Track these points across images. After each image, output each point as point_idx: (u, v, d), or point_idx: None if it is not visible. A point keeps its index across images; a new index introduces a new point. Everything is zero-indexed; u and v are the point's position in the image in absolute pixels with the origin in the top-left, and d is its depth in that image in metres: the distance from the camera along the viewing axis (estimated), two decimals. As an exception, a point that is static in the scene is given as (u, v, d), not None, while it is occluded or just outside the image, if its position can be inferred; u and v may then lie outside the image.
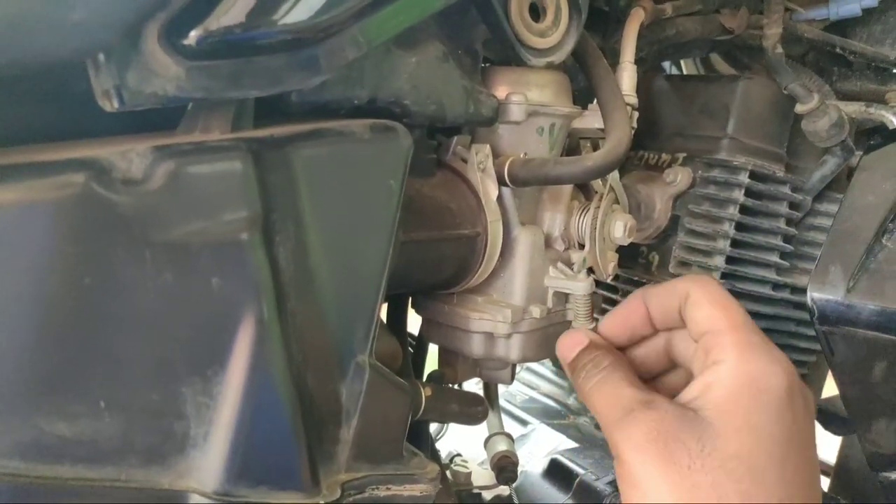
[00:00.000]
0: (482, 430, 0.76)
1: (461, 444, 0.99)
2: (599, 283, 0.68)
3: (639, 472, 0.39)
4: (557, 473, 0.91)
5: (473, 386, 0.87)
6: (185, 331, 0.37)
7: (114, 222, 0.35)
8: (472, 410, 0.58)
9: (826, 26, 0.73)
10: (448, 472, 0.88)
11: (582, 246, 0.59)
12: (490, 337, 0.58)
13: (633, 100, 0.59)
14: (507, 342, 0.58)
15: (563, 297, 0.59)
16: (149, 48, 0.35)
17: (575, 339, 0.49)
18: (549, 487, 0.90)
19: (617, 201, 0.62)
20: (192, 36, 0.35)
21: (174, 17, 0.35)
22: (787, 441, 0.40)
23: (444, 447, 0.99)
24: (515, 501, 0.85)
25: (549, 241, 0.59)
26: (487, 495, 0.86)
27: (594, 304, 0.58)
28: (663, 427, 0.39)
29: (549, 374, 1.23)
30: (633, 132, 0.56)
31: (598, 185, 0.62)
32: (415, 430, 0.57)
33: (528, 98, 0.54)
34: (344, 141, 0.42)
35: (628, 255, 0.71)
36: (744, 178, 0.66)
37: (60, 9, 0.33)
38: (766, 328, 0.70)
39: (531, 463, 0.95)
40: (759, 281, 0.68)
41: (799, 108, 0.66)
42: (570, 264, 0.59)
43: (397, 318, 0.64)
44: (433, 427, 0.92)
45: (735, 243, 0.67)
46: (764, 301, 0.69)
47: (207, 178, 0.37)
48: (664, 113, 0.72)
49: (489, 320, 0.57)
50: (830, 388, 0.71)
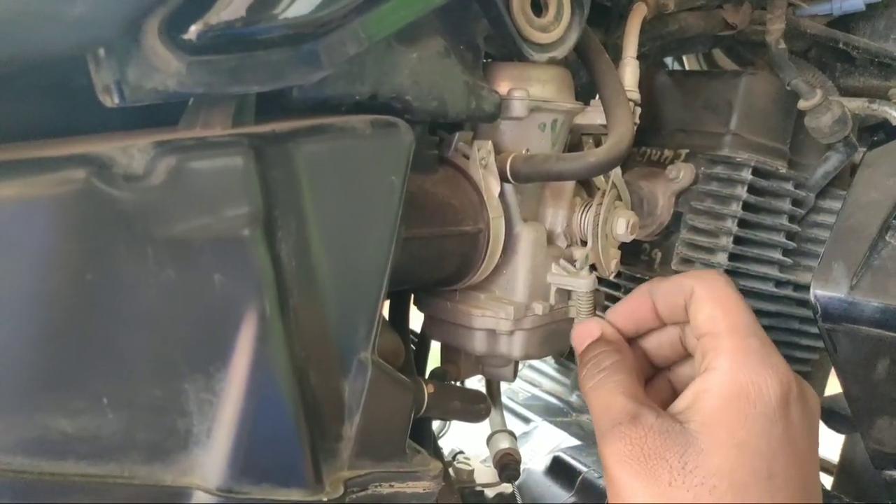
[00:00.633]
0: (485, 427, 0.76)
1: (464, 441, 0.99)
2: (602, 280, 0.68)
3: (621, 485, 0.40)
4: (560, 471, 0.91)
5: (476, 383, 0.87)
6: (187, 327, 0.37)
7: (115, 218, 0.35)
8: (474, 408, 0.58)
9: (829, 22, 0.73)
10: (451, 470, 0.88)
11: (584, 243, 0.59)
12: (492, 334, 0.58)
13: (636, 95, 0.59)
14: (509, 339, 0.58)
15: (566, 294, 0.59)
16: (149, 43, 0.35)
17: (587, 330, 0.49)
18: (551, 485, 0.90)
19: (619, 198, 0.62)
20: (193, 31, 0.35)
21: (174, 12, 0.35)
22: (775, 454, 0.40)
23: (447, 445, 0.99)
24: (518, 499, 0.85)
25: (551, 237, 0.59)
26: (490, 493, 0.86)
27: (597, 301, 0.58)
28: (646, 444, 0.40)
29: (551, 372, 1.23)
30: (635, 128, 0.56)
31: (600, 181, 0.62)
32: (417, 427, 0.57)
33: (531, 94, 0.54)
34: (345, 137, 0.42)
35: (631, 252, 0.71)
36: (746, 175, 0.65)
37: (61, 4, 0.33)
38: (768, 325, 0.70)
39: (534, 460, 0.95)
40: (762, 278, 0.68)
41: (802, 104, 0.65)
42: (572, 261, 0.59)
43: (399, 314, 0.64)
44: (436, 424, 0.92)
45: (738, 240, 0.67)
46: (767, 298, 0.69)
47: (209, 174, 0.36)
48: (667, 109, 0.72)
49: (491, 317, 0.56)
50: (834, 386, 0.71)
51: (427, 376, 0.65)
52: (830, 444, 0.96)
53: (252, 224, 0.37)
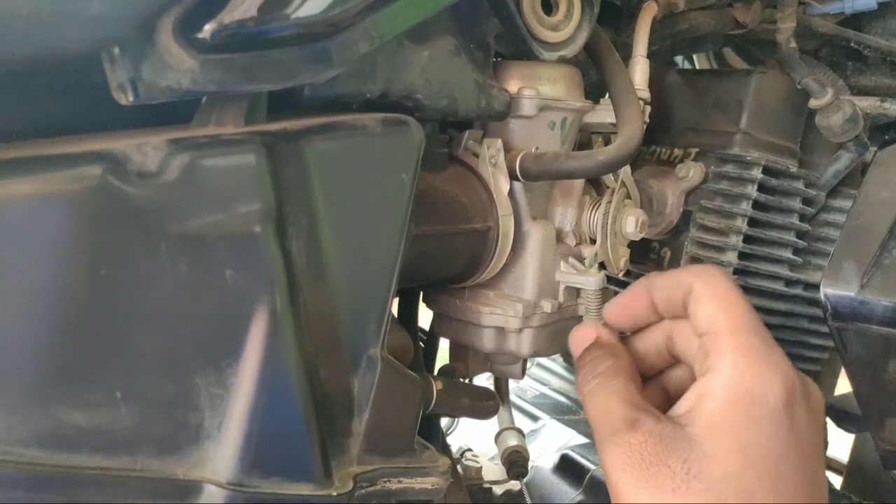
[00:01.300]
0: (493, 424, 0.76)
1: (472, 438, 0.99)
2: (611, 278, 0.68)
3: (623, 493, 0.39)
4: (568, 469, 0.91)
5: (484, 381, 0.87)
6: (199, 322, 0.38)
7: (129, 215, 0.35)
8: (482, 405, 0.58)
9: (841, 20, 0.73)
10: (459, 467, 0.88)
11: (593, 241, 0.59)
12: (501, 331, 0.58)
13: (646, 94, 0.59)
14: (518, 337, 0.58)
15: (575, 292, 0.59)
16: (163, 42, 0.35)
17: (583, 335, 0.49)
18: (559, 483, 0.90)
19: (629, 196, 0.62)
20: (207, 29, 0.35)
21: (188, 11, 0.35)
22: (781, 456, 0.39)
23: (455, 442, 1.00)
24: (526, 496, 0.85)
25: (560, 235, 0.59)
26: (498, 490, 0.86)
27: (605, 299, 0.58)
28: (646, 450, 0.39)
29: (559, 370, 1.23)
30: (645, 127, 0.56)
31: (609, 180, 0.62)
32: (426, 423, 0.57)
33: (540, 92, 0.54)
34: (356, 135, 0.42)
35: (640, 251, 0.71)
36: (757, 174, 0.65)
37: (77, 3, 0.33)
38: (778, 324, 0.70)
39: (542, 458, 0.95)
40: (772, 277, 0.68)
41: (813, 102, 0.65)
42: (581, 259, 0.59)
43: (409, 312, 0.64)
44: (444, 421, 0.92)
45: (747, 239, 0.66)
46: (776, 297, 0.69)
47: (221, 171, 0.37)
48: (677, 107, 0.72)
49: (500, 315, 0.57)
50: (844, 385, 0.71)
51: (436, 373, 0.65)
52: (840, 444, 0.95)
53: (264, 221, 0.38)
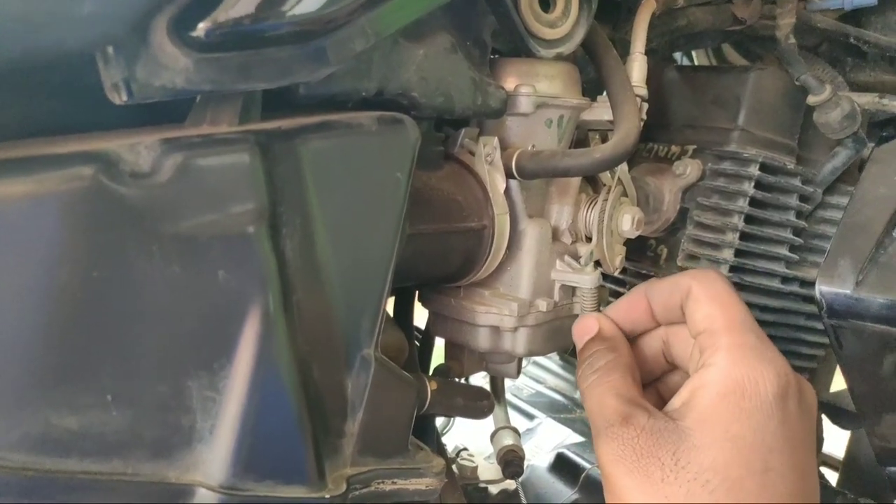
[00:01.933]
0: (488, 424, 0.76)
1: (467, 438, 0.99)
2: (607, 276, 0.68)
3: (615, 484, 0.41)
4: (564, 467, 0.92)
5: (480, 380, 0.87)
6: (191, 323, 0.37)
7: (122, 215, 0.35)
8: (477, 404, 0.58)
9: (840, 16, 0.73)
10: (454, 467, 0.88)
11: (589, 239, 0.59)
12: (496, 331, 0.58)
13: (643, 91, 0.59)
14: (513, 336, 0.58)
15: (570, 291, 0.59)
16: (157, 41, 0.35)
17: (585, 326, 0.50)
18: (555, 481, 0.90)
19: (625, 194, 0.62)
20: (201, 28, 0.35)
21: (183, 10, 0.35)
22: (771, 449, 0.40)
23: (451, 441, 1.00)
24: (522, 495, 0.85)
25: (556, 234, 0.59)
26: (494, 489, 0.86)
27: (601, 297, 0.58)
28: (638, 444, 0.41)
29: (555, 368, 1.23)
30: (642, 124, 0.55)
31: (606, 177, 0.61)
32: (421, 423, 0.57)
33: (537, 90, 0.54)
34: (351, 133, 0.42)
35: (636, 248, 0.70)
36: (754, 171, 0.65)
37: (71, 2, 0.33)
38: (774, 322, 0.70)
39: (537, 457, 0.95)
40: (768, 274, 0.68)
41: (811, 99, 0.65)
42: (577, 257, 0.59)
43: (404, 311, 0.64)
44: (439, 421, 0.92)
45: (744, 236, 0.66)
46: (773, 294, 0.69)
47: (215, 171, 0.37)
48: (674, 104, 0.72)
49: (496, 314, 0.56)
50: (839, 383, 0.71)
51: (431, 373, 0.65)
52: (836, 441, 0.96)
53: (257, 221, 0.37)
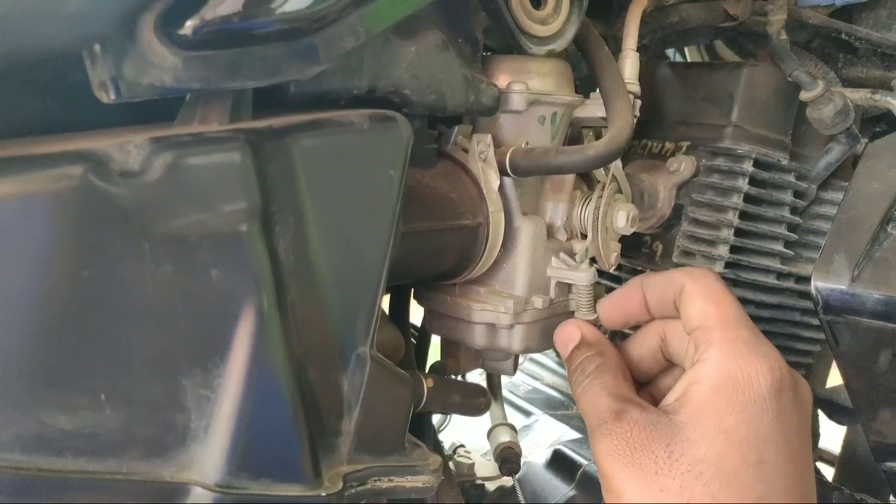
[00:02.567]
0: (485, 421, 0.75)
1: (464, 435, 0.99)
2: (602, 273, 0.68)
3: (611, 479, 0.42)
4: (560, 464, 0.92)
5: (476, 377, 0.87)
6: (185, 323, 0.37)
7: (112, 214, 0.35)
8: (474, 402, 0.58)
9: (832, 12, 0.73)
10: (451, 464, 0.88)
11: (584, 236, 0.59)
12: (492, 328, 0.58)
13: (636, 88, 0.59)
14: (509, 333, 0.58)
15: (566, 288, 0.59)
16: (145, 38, 0.34)
17: (568, 334, 0.51)
18: (552, 478, 0.90)
19: (620, 191, 0.62)
20: (189, 26, 0.35)
21: (170, 8, 0.34)
22: (765, 441, 0.40)
23: (447, 438, 1.00)
24: (519, 492, 0.85)
25: (551, 231, 0.59)
26: (490, 486, 0.86)
27: (597, 294, 0.58)
28: (631, 438, 0.41)
29: (552, 365, 1.23)
30: (635, 121, 0.55)
31: (600, 174, 0.61)
32: (417, 421, 0.57)
33: (530, 87, 0.54)
34: (343, 131, 0.41)
35: (631, 245, 0.70)
36: (748, 167, 0.65)
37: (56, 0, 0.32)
38: (769, 318, 0.70)
39: (534, 454, 0.95)
40: (763, 270, 0.68)
41: (804, 95, 0.65)
42: (572, 254, 0.59)
43: (399, 309, 0.64)
44: (436, 418, 0.92)
45: (739, 232, 0.66)
46: (768, 290, 0.69)
47: (206, 170, 0.36)
48: (667, 101, 0.72)
49: (491, 311, 0.56)
50: (835, 378, 0.71)
51: (427, 370, 0.65)
52: (832, 436, 0.96)
53: (249, 219, 0.37)
